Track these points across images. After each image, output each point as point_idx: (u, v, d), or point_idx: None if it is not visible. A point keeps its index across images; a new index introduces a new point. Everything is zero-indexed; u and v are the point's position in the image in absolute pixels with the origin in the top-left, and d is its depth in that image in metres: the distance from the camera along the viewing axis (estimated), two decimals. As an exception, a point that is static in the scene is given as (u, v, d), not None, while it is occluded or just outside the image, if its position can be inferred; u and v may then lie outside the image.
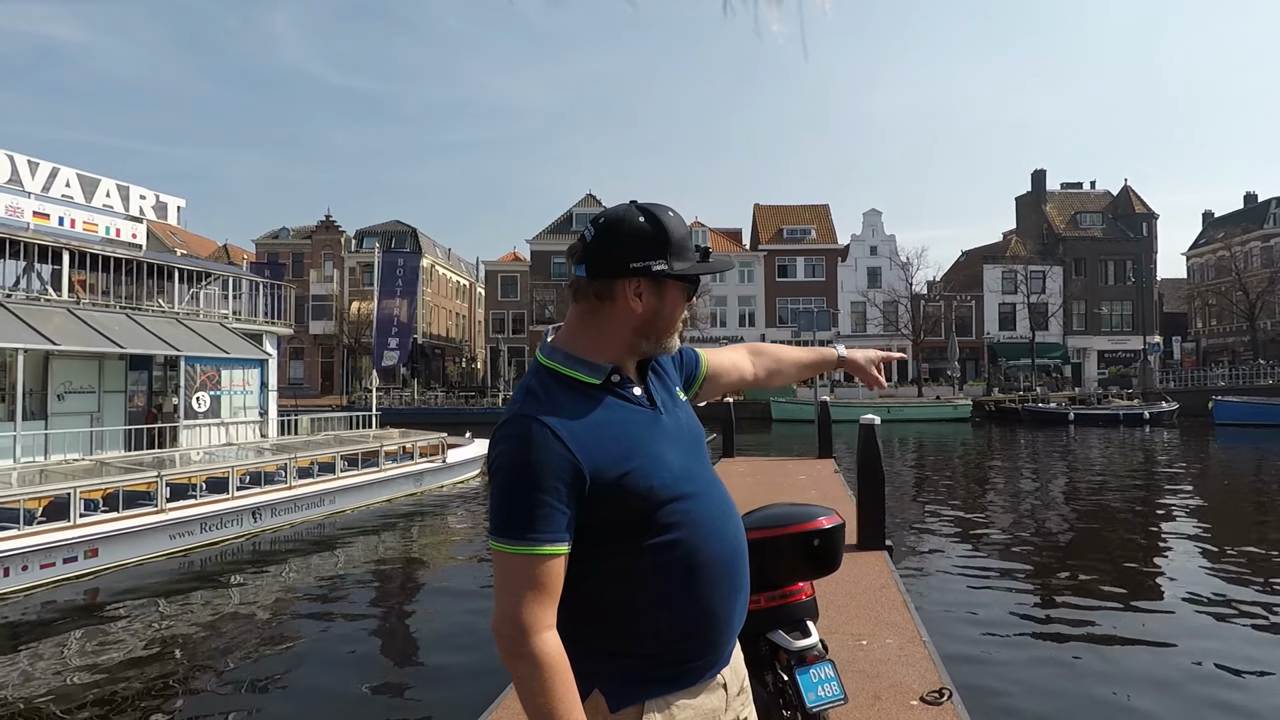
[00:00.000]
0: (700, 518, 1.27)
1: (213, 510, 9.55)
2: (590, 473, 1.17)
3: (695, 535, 1.26)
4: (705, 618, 1.27)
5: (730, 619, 1.32)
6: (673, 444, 1.30)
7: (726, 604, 1.30)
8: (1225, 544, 9.66)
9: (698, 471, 1.32)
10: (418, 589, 8.19)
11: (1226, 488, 15.69)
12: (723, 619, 1.30)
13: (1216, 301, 49.49)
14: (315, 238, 48.90)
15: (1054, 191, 51.55)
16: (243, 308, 16.26)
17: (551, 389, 1.24)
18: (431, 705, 4.95)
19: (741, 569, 1.34)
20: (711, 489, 1.33)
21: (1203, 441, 25.42)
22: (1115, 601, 7.09)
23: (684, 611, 1.24)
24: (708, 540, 1.27)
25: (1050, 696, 4.92)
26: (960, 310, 46.31)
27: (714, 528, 1.29)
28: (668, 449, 1.28)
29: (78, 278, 13.48)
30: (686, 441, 1.34)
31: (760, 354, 1.75)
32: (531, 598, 1.17)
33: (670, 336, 1.35)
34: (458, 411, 34.28)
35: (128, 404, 13.47)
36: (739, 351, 1.71)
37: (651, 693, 1.22)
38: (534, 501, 1.14)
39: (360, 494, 12.19)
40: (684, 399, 1.44)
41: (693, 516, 1.26)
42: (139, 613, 7.01)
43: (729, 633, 1.33)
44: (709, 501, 1.31)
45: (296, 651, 6.03)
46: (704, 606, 1.26)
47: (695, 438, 1.37)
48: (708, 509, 1.30)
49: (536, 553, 1.15)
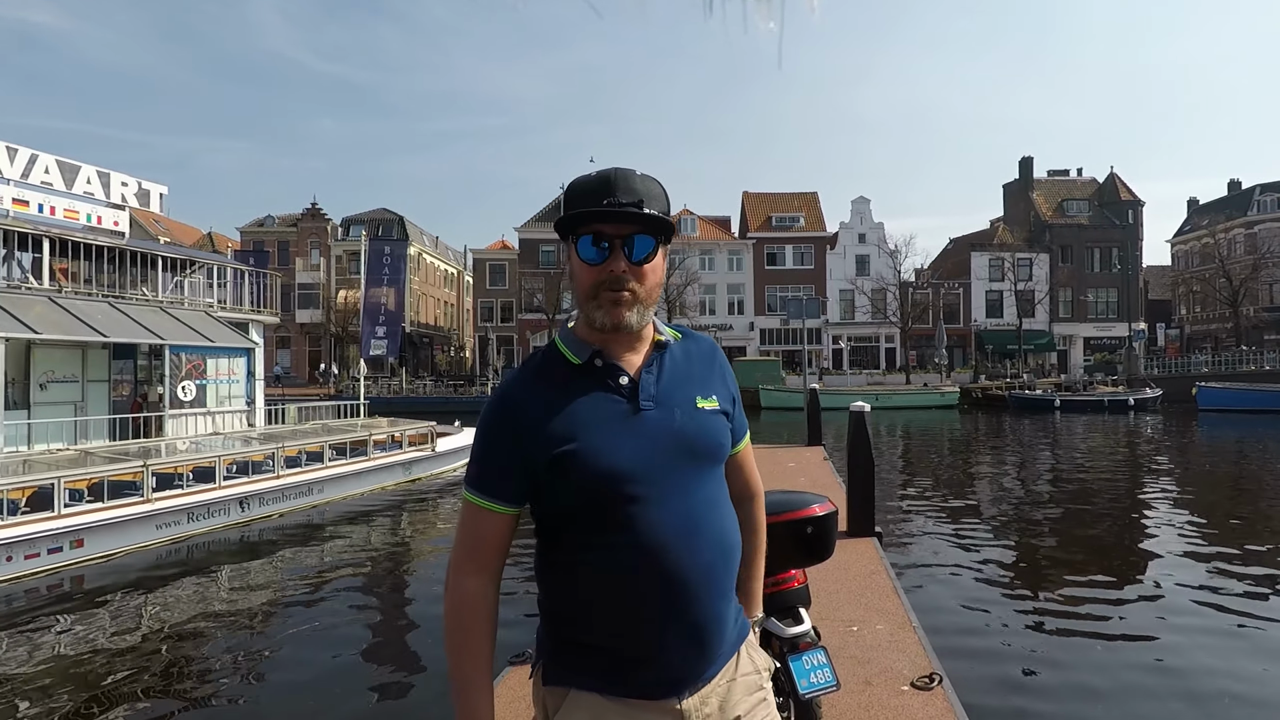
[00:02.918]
0: (648, 528, 1.17)
1: (200, 500, 9.47)
2: (530, 445, 1.21)
3: (638, 546, 1.17)
4: (642, 635, 1.19)
5: (671, 644, 1.19)
6: (639, 441, 1.21)
7: (666, 627, 1.18)
8: (1207, 527, 9.78)
9: (663, 478, 1.20)
10: (406, 577, 8.17)
11: (1209, 472, 15.89)
12: (662, 643, 1.18)
13: (1200, 288, 50.00)
14: (301, 226, 48.40)
15: (1041, 179, 51.73)
16: (228, 296, 16.07)
17: (542, 363, 1.30)
18: (420, 693, 4.95)
19: (693, 595, 1.19)
20: (674, 500, 1.20)
21: (1186, 427, 25.73)
22: (1102, 584, 7.17)
23: (621, 622, 1.19)
24: (653, 555, 1.17)
25: (1039, 680, 4.97)
26: (948, 298, 46.52)
27: (663, 543, 1.17)
28: (626, 443, 1.20)
29: (59, 266, 13.26)
30: (665, 444, 1.22)
31: (749, 524, 1.44)
32: (461, 542, 1.26)
33: (591, 307, 1.24)
34: (446, 400, 34.14)
35: (112, 393, 13.32)
36: (753, 496, 1.49)
37: (582, 682, 1.22)
38: (479, 457, 1.26)
39: (348, 483, 12.13)
40: (707, 407, 1.29)
41: (639, 525, 1.18)
42: (125, 603, 6.95)
43: (676, 657, 1.19)
44: (665, 513, 1.19)
45: (285, 641, 6.00)
46: (641, 624, 1.18)
47: (684, 444, 1.23)
48: (661, 520, 1.18)
49: (471, 501, 1.26)
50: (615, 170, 1.25)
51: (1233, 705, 4.60)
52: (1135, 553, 8.73)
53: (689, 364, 1.33)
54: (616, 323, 1.23)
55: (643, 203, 1.23)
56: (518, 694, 3.27)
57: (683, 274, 42.60)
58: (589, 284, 1.24)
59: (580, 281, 1.26)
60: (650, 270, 1.26)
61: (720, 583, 1.25)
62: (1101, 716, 4.48)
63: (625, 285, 1.23)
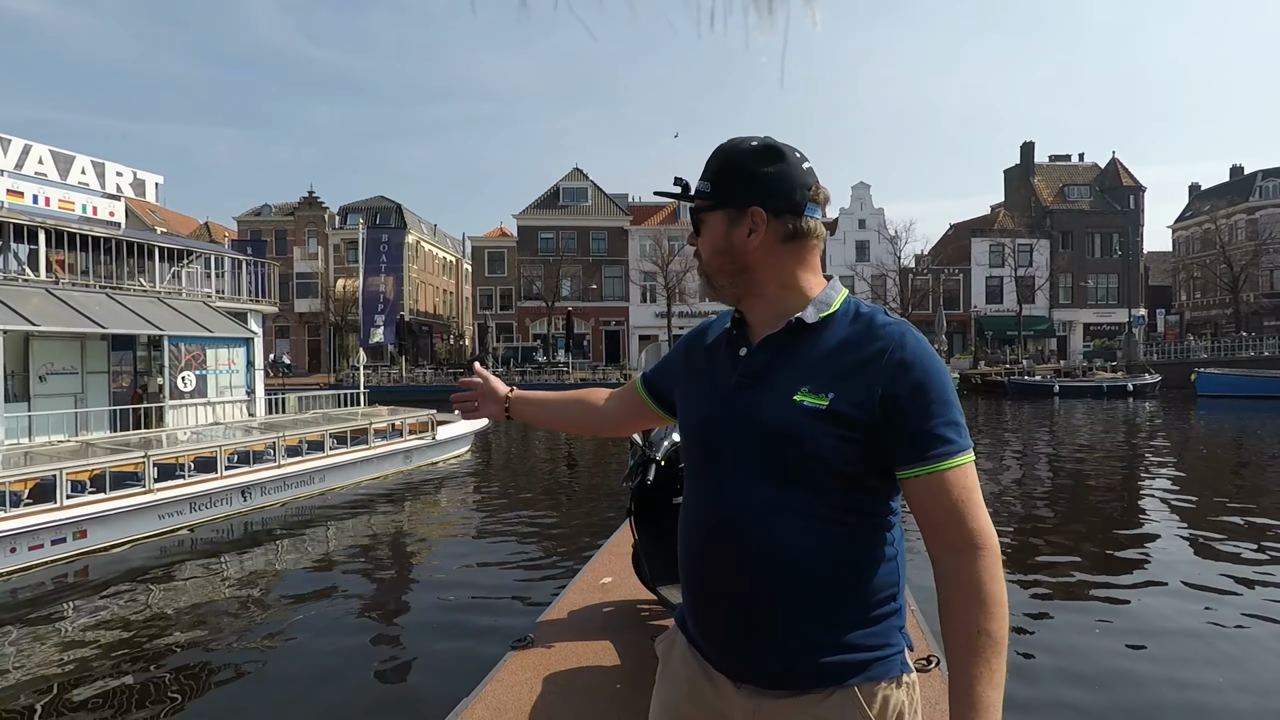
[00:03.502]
0: (699, 501, 1.24)
1: (201, 490, 9.51)
2: (679, 371, 1.41)
3: (689, 511, 1.26)
4: (688, 595, 1.28)
5: (705, 621, 1.24)
6: (722, 413, 1.21)
7: (699, 603, 1.25)
8: (1204, 513, 9.83)
9: (727, 458, 1.19)
10: (409, 566, 8.21)
11: (1206, 457, 15.95)
12: (698, 614, 1.26)
13: (1201, 274, 49.96)
14: (298, 215, 48.23)
15: (1042, 164, 51.54)
16: (226, 286, 16.04)
17: (727, 316, 1.34)
18: (423, 682, 4.99)
19: (717, 588, 1.20)
20: (730, 485, 1.17)
21: (1184, 413, 25.77)
22: (1099, 569, 7.21)
23: (681, 571, 1.30)
24: (693, 527, 1.24)
25: (1036, 663, 5.01)
26: (948, 283, 46.47)
27: (703, 523, 1.22)
28: (712, 410, 1.24)
29: (56, 257, 13.23)
30: (740, 426, 1.18)
31: (944, 584, 1.18)
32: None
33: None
34: (446, 388, 33.97)
35: (111, 385, 13.32)
36: (947, 549, 1.16)
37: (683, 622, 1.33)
38: (664, 357, 1.52)
39: (350, 472, 12.17)
40: (807, 403, 1.13)
41: (696, 492, 1.26)
42: (130, 593, 7.00)
43: (711, 634, 1.23)
44: (718, 494, 1.19)
45: (288, 630, 6.05)
46: (687, 582, 1.27)
47: (757, 434, 1.15)
48: (711, 499, 1.21)
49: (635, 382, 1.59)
50: (718, 146, 1.26)
51: (1229, 691, 4.64)
52: (1132, 538, 8.78)
53: (823, 351, 1.17)
54: (704, 297, 1.40)
55: (698, 181, 1.27)
56: (520, 678, 3.29)
57: (682, 260, 42.52)
58: (697, 255, 1.33)
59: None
60: (703, 243, 1.28)
61: (761, 592, 1.15)
62: (1097, 699, 4.52)
63: (697, 261, 1.31)
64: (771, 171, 1.20)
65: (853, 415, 1.11)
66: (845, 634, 1.15)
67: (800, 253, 1.23)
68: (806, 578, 1.14)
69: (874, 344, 1.14)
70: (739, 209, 1.21)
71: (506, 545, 8.59)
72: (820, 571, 1.14)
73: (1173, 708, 4.43)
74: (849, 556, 1.15)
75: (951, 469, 1.12)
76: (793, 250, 1.23)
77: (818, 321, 1.19)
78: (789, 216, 1.21)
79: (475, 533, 9.44)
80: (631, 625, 3.93)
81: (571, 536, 8.95)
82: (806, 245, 1.24)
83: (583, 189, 47.61)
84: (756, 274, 1.23)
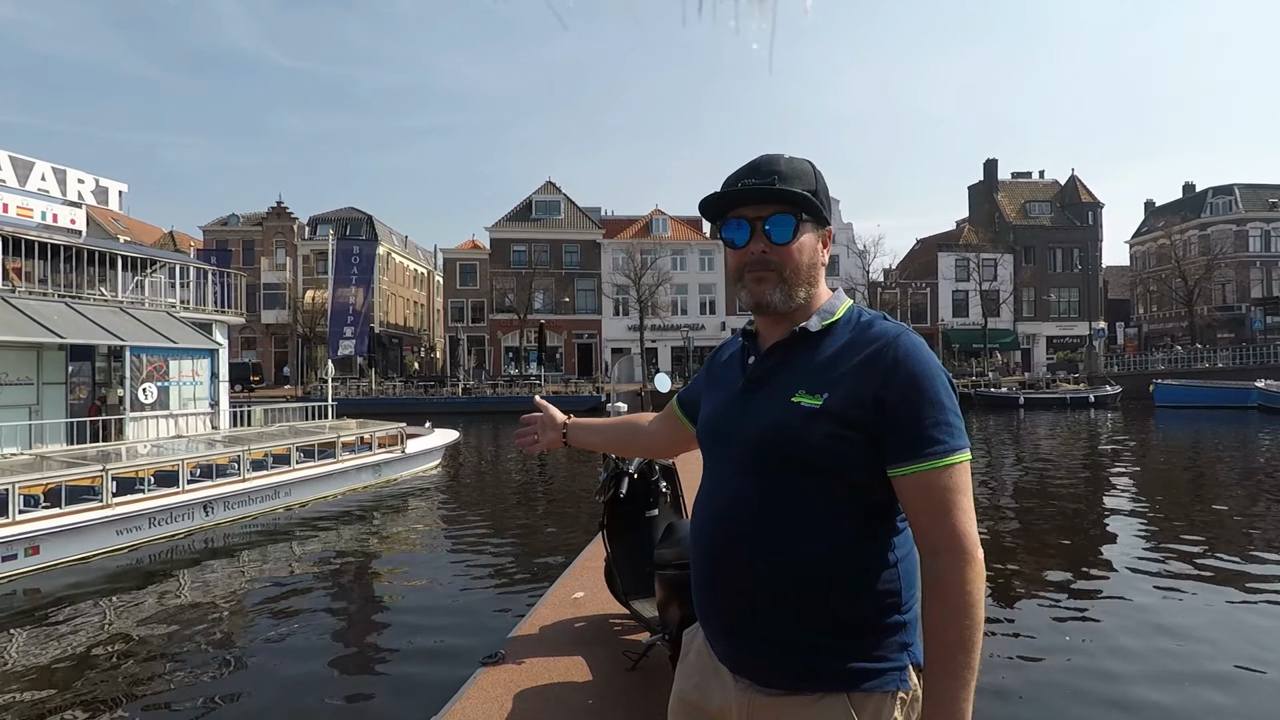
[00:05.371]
0: (706, 497, 1.30)
1: (162, 505, 9.25)
2: (703, 383, 1.48)
3: (698, 507, 1.32)
4: (695, 586, 1.32)
5: (706, 610, 1.28)
6: (731, 416, 1.28)
7: (701, 594, 1.28)
8: (1163, 517, 10.08)
9: (733, 459, 1.24)
10: (377, 582, 8.07)
11: (1163, 464, 16.36)
12: (701, 604, 1.29)
13: (1157, 288, 51.45)
14: (267, 224, 47.52)
15: (1005, 181, 52.79)
16: (191, 296, 15.72)
17: (746, 329, 1.40)
18: (392, 701, 4.90)
19: (717, 581, 1.24)
20: (730, 483, 1.23)
21: (1143, 422, 26.45)
22: (1066, 571, 7.35)
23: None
24: (699, 523, 1.30)
25: (1005, 666, 5.07)
26: (915, 297, 47.26)
27: (707, 518, 1.28)
28: (722, 414, 1.31)
29: (13, 265, 12.85)
30: (745, 428, 1.23)
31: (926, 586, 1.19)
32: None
33: (738, 288, 1.33)
34: (417, 401, 33.76)
35: (69, 396, 12.95)
36: (931, 550, 1.15)
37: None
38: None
39: (317, 486, 11.95)
40: (803, 403, 1.16)
41: (705, 489, 1.32)
42: (84, 611, 6.77)
43: (711, 625, 1.28)
44: (722, 491, 1.25)
45: (251, 649, 5.90)
46: (694, 573, 1.32)
47: (757, 434, 1.20)
48: (716, 496, 1.27)
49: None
50: (763, 155, 1.28)
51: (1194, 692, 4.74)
52: (1096, 542, 8.95)
53: (823, 356, 1.21)
54: (758, 301, 1.26)
55: (777, 179, 1.23)
56: (490, 695, 3.25)
57: (654, 274, 42.66)
58: (735, 266, 1.30)
59: (730, 264, 1.33)
60: (796, 250, 1.25)
61: (757, 589, 1.18)
62: (1066, 708, 4.59)
63: (768, 266, 1.25)
64: (828, 192, 1.30)
65: (848, 414, 1.13)
66: (839, 639, 1.15)
67: (825, 268, 1.34)
68: (800, 576, 1.14)
69: (870, 346, 1.18)
70: (821, 226, 1.30)
71: (477, 560, 8.49)
72: (814, 571, 1.14)
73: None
74: (847, 560, 1.15)
75: (939, 468, 1.11)
76: (824, 266, 1.33)
77: (820, 329, 1.24)
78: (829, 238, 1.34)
79: (445, 548, 9.31)
80: (604, 640, 3.91)
81: (543, 551, 8.87)
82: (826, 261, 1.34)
83: (555, 202, 47.61)
84: (816, 288, 1.30)
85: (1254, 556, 7.97)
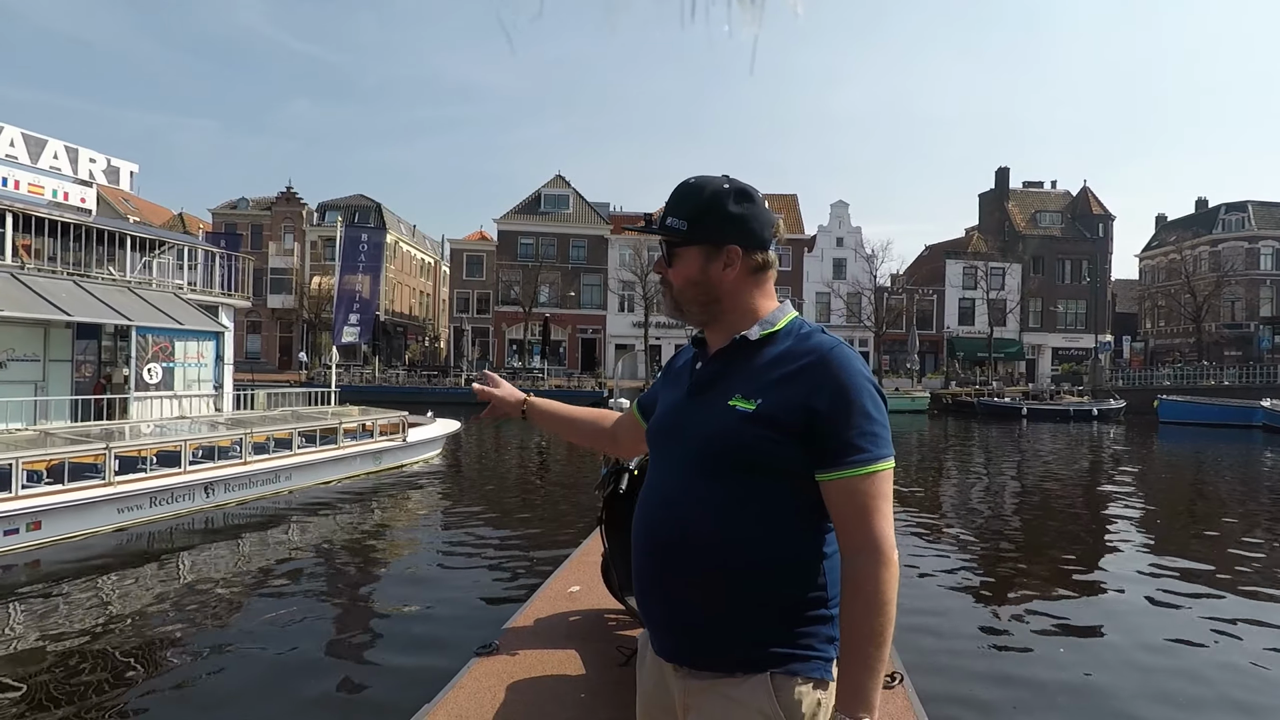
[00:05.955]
0: (648, 492, 1.37)
1: (163, 484, 9.30)
2: (659, 386, 1.55)
3: (642, 501, 1.38)
4: (636, 582, 1.39)
5: (644, 604, 1.36)
6: (676, 419, 1.37)
7: (640, 586, 1.36)
8: (1164, 534, 10.06)
9: (674, 459, 1.33)
10: (373, 570, 8.10)
11: (1166, 481, 16.31)
12: (640, 599, 1.36)
13: (1165, 303, 51.20)
14: (275, 209, 47.62)
15: (1016, 190, 52.59)
16: (198, 278, 15.75)
17: (699, 338, 1.46)
18: (384, 688, 4.92)
19: (654, 573, 1.31)
20: (672, 481, 1.31)
21: (1147, 438, 26.36)
22: (1062, 586, 7.34)
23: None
24: (641, 517, 1.36)
25: (999, 679, 5.08)
26: (922, 304, 47.14)
27: (647, 513, 1.34)
28: (668, 417, 1.40)
29: (22, 242, 12.90)
30: (686, 430, 1.32)
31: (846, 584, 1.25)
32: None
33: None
34: (420, 390, 33.85)
35: (74, 374, 13.01)
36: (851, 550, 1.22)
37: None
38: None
39: (317, 471, 11.99)
40: (739, 407, 1.24)
41: (649, 484, 1.39)
42: (83, 588, 6.82)
43: (649, 619, 1.36)
44: (662, 488, 1.34)
45: (245, 632, 5.93)
46: (635, 570, 1.38)
47: (697, 436, 1.29)
48: (656, 491, 1.35)
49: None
50: (683, 183, 1.37)
51: (1185, 702, 4.74)
52: (1094, 556, 8.94)
53: (760, 364, 1.29)
54: (667, 316, 1.47)
55: (667, 211, 1.37)
56: (483, 685, 3.27)
57: (660, 272, 42.55)
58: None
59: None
60: (675, 273, 1.38)
61: (691, 575, 1.26)
62: (1059, 716, 4.59)
63: (662, 284, 1.43)
64: (745, 212, 1.33)
65: (779, 419, 1.21)
66: (766, 625, 1.23)
67: (762, 282, 1.37)
68: (730, 567, 1.22)
69: (804, 357, 1.25)
70: (716, 245, 1.33)
71: (474, 551, 8.51)
72: (742, 561, 1.22)
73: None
74: (778, 551, 1.23)
75: (861, 475, 1.19)
76: (757, 280, 1.36)
77: (759, 338, 1.32)
78: (758, 253, 1.35)
79: (443, 537, 9.34)
80: (598, 634, 3.92)
81: (541, 544, 8.89)
82: (767, 275, 1.38)
83: (564, 196, 47.60)
84: (724, 302, 1.36)
85: (1254, 576, 7.95)
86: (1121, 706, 4.72)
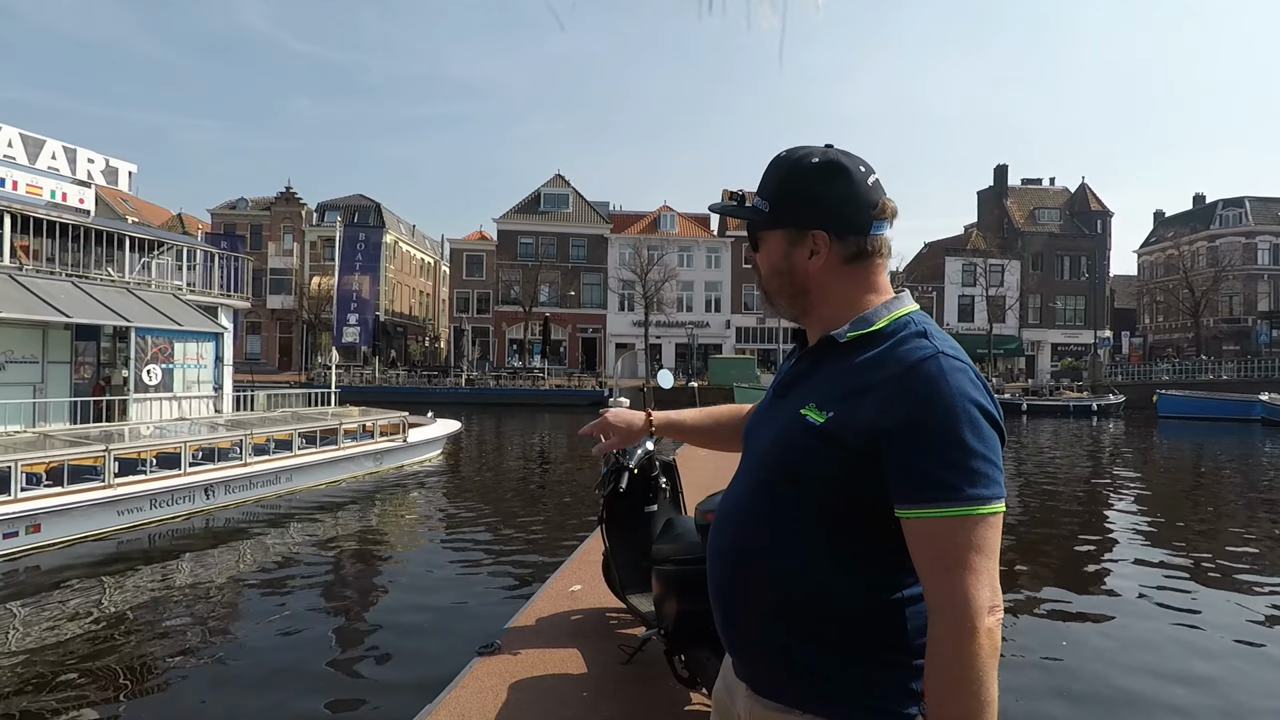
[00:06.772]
0: (724, 499, 1.29)
1: (163, 486, 9.30)
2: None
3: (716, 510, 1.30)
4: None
5: (714, 605, 1.24)
6: (757, 421, 1.27)
7: (710, 593, 1.26)
8: (1163, 527, 10.07)
9: (747, 465, 1.23)
10: (375, 570, 8.10)
11: (1165, 475, 16.33)
12: (712, 601, 1.26)
13: (1164, 298, 51.29)
14: (275, 209, 47.61)
15: (1014, 186, 52.63)
16: (197, 279, 15.75)
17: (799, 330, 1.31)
18: (386, 688, 4.92)
19: (715, 587, 1.22)
20: (737, 490, 1.23)
21: (1146, 433, 26.38)
22: (1061, 581, 7.33)
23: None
24: (714, 525, 1.28)
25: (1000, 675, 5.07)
26: (922, 301, 47.06)
27: (717, 523, 1.27)
28: (753, 419, 1.30)
29: (20, 243, 12.89)
30: (759, 435, 1.22)
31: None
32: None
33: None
34: (420, 391, 33.85)
35: (73, 376, 13.00)
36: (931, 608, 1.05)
37: None
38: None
39: (318, 472, 11.98)
40: (808, 418, 1.09)
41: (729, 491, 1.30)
42: (83, 591, 6.81)
43: (718, 619, 1.24)
44: (730, 497, 1.25)
45: (246, 634, 5.93)
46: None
47: (765, 445, 1.18)
48: (727, 500, 1.26)
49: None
50: (776, 155, 1.21)
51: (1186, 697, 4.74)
52: (1094, 551, 8.94)
53: (844, 369, 1.11)
54: (760, 309, 1.32)
55: (749, 197, 1.24)
56: (485, 685, 3.26)
57: (661, 270, 42.62)
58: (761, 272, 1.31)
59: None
60: (760, 259, 1.24)
61: (749, 599, 1.14)
62: (1062, 713, 4.59)
63: (759, 277, 1.27)
64: (835, 191, 1.13)
65: (845, 438, 1.04)
66: (829, 662, 1.07)
67: (862, 273, 1.16)
68: (794, 592, 1.09)
69: (889, 366, 1.05)
70: (800, 230, 1.15)
71: (475, 550, 8.51)
72: (808, 588, 1.08)
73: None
74: (841, 586, 1.07)
75: (944, 517, 0.98)
76: (855, 271, 1.15)
77: (848, 340, 1.12)
78: (853, 238, 1.14)
79: (444, 537, 9.34)
80: (600, 633, 3.92)
81: (541, 543, 8.89)
82: (870, 265, 1.16)
83: (564, 195, 47.59)
84: (813, 295, 1.17)
85: (1254, 569, 7.96)
86: (1124, 699, 4.72)
